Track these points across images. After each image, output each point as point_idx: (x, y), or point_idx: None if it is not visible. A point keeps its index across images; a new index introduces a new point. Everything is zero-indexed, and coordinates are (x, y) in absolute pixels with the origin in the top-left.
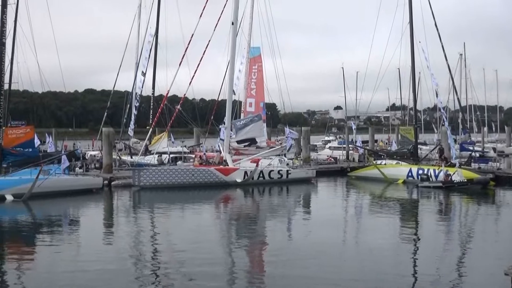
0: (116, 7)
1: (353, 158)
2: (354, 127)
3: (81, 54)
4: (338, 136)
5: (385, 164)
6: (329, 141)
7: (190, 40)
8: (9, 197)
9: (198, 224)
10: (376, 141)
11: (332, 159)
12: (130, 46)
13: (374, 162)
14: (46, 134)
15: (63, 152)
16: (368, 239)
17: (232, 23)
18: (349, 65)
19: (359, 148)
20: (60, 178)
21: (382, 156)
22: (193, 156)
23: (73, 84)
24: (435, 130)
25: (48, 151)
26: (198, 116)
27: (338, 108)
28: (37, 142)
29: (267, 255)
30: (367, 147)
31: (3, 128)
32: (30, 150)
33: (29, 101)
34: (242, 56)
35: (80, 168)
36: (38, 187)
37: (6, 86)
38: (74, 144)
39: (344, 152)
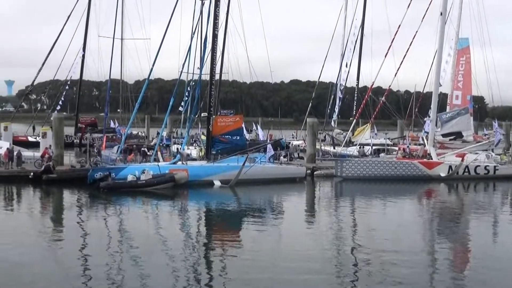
0: None
1: None
2: None
3: (287, 45)
4: None
5: None
6: None
7: (397, 31)
8: (217, 183)
9: (399, 220)
10: None
11: None
12: (335, 38)
13: None
14: (253, 123)
15: (268, 141)
16: None
17: (441, 14)
18: None
19: None
20: (265, 166)
21: None
22: (396, 148)
23: (279, 74)
24: None
25: (259, 139)
26: (402, 108)
27: None
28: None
29: (471, 259)
30: None
31: (214, 116)
32: (238, 138)
33: (238, 91)
34: (449, 47)
35: (284, 157)
36: (244, 174)
37: (217, 77)
38: (292, 135)
39: None
